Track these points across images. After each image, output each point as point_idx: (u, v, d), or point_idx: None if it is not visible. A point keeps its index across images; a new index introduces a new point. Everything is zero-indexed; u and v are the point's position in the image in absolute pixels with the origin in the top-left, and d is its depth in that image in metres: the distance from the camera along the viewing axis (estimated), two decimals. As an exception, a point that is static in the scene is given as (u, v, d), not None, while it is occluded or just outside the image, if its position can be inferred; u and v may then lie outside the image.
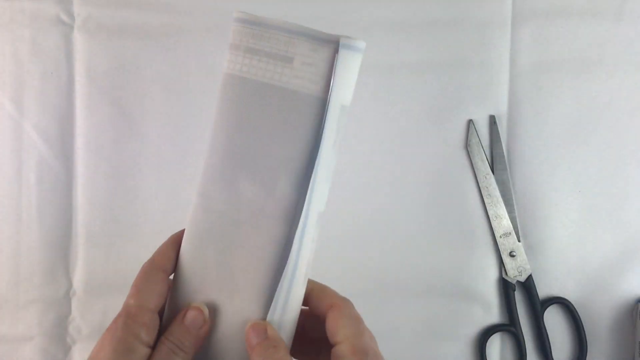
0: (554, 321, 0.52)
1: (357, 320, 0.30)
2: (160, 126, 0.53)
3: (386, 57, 0.52)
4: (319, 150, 0.28)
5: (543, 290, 0.52)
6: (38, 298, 0.53)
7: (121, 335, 0.28)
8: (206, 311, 0.30)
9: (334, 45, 0.28)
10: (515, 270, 0.52)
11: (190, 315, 0.30)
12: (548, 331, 0.52)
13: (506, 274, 0.52)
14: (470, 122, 0.52)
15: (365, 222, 0.53)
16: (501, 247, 0.52)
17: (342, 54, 0.28)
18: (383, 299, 0.52)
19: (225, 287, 0.30)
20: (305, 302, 0.31)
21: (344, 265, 0.52)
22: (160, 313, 0.31)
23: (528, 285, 0.52)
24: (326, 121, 0.28)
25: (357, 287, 0.53)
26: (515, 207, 0.52)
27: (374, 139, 0.53)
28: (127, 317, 0.29)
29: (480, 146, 0.52)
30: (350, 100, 0.29)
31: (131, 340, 0.28)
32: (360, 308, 0.52)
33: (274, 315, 0.29)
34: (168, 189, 0.53)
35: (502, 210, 0.52)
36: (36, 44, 0.53)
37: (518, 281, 0.52)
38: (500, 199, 0.52)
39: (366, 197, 0.53)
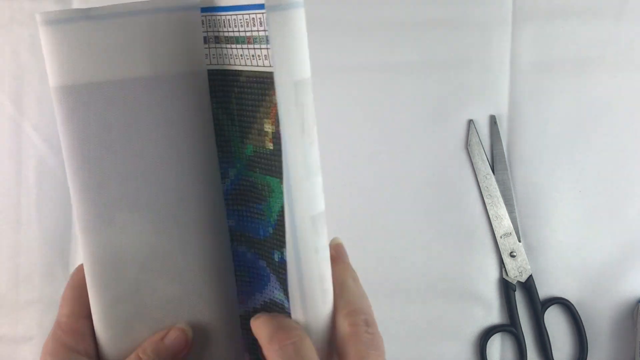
0: (555, 321, 0.52)
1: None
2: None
3: (386, 57, 0.52)
4: (283, 142, 0.22)
5: (543, 291, 0.52)
6: (38, 298, 0.53)
7: (52, 348, 0.27)
8: (190, 334, 0.28)
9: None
10: (516, 271, 0.51)
11: (172, 335, 0.28)
12: (548, 331, 0.51)
13: (506, 274, 0.52)
14: (470, 122, 0.52)
15: (364, 222, 0.53)
16: (501, 248, 0.52)
17: (273, 17, 0.22)
18: (383, 299, 0.52)
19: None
20: None
21: (344, 266, 0.52)
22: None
23: (528, 286, 0.51)
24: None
25: (357, 287, 0.53)
26: (515, 207, 0.52)
27: (373, 139, 0.53)
28: (57, 327, 0.27)
29: (481, 146, 0.52)
30: (305, 73, 0.23)
31: (62, 351, 0.27)
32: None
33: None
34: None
35: (503, 211, 0.52)
36: (36, 44, 0.53)
37: (518, 281, 0.52)
38: (501, 199, 0.52)
39: (366, 197, 0.53)
